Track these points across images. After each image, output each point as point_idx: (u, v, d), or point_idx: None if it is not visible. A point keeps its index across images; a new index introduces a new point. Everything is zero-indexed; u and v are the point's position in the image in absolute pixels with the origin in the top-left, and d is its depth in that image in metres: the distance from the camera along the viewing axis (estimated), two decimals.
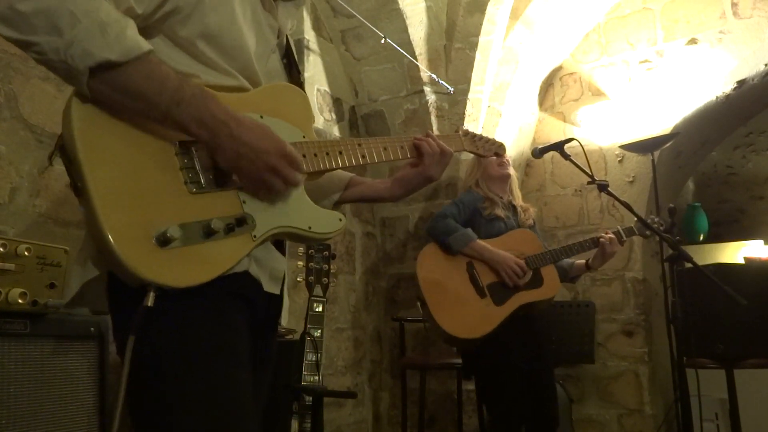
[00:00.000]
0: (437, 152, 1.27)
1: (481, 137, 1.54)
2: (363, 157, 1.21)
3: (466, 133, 1.49)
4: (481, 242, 2.71)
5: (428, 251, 2.75)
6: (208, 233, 0.93)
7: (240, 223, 0.96)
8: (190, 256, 0.91)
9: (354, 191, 1.34)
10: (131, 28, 0.92)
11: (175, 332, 0.93)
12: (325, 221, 1.10)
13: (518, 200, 2.98)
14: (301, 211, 1.07)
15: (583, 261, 2.88)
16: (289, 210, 1.05)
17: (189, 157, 0.96)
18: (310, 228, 1.08)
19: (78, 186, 0.89)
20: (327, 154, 1.14)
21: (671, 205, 2.84)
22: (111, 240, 0.85)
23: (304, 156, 1.10)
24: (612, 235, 2.77)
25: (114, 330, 1.01)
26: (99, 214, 0.86)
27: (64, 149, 0.91)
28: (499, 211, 2.83)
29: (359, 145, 1.21)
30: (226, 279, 0.96)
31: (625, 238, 2.81)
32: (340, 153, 1.17)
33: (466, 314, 2.62)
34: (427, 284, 2.67)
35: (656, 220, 2.78)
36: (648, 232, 2.73)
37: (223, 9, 1.03)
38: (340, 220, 1.13)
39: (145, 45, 0.92)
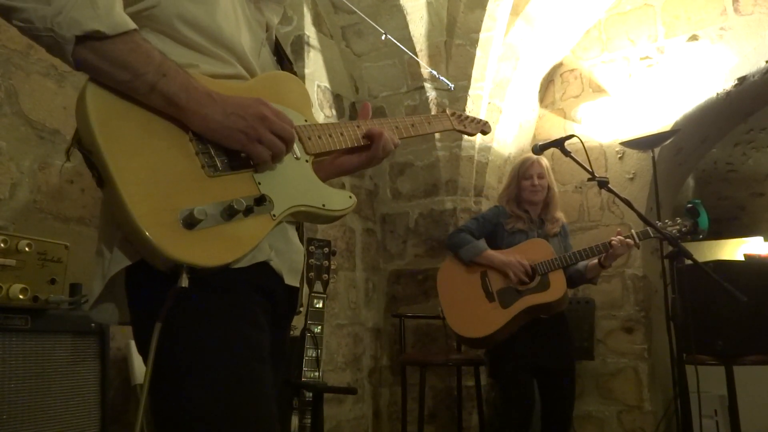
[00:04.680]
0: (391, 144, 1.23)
1: (467, 116, 1.57)
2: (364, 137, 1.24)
3: (453, 113, 1.52)
4: (491, 251, 2.96)
5: (448, 263, 3.09)
6: (231, 214, 0.94)
7: (259, 203, 0.98)
8: (217, 236, 0.93)
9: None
10: (119, 6, 0.93)
11: (200, 327, 0.94)
12: (337, 199, 1.13)
13: (552, 214, 3.10)
14: (313, 190, 1.10)
15: (596, 261, 2.97)
16: (302, 189, 1.08)
17: (202, 142, 0.98)
18: (324, 205, 1.10)
19: (101, 176, 0.89)
20: (330, 135, 1.17)
21: (689, 204, 2.82)
22: (141, 227, 0.87)
23: (309, 138, 1.13)
24: (621, 236, 2.85)
25: (135, 321, 1.00)
26: (127, 203, 0.87)
27: (81, 142, 0.91)
28: (522, 225, 3.05)
29: (358, 126, 1.23)
30: (249, 270, 0.98)
31: (639, 241, 2.87)
32: (342, 134, 1.19)
33: (473, 315, 2.91)
34: (443, 290, 3.05)
35: (678, 221, 2.81)
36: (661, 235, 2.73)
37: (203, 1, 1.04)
38: (351, 197, 1.15)
39: (131, 23, 0.93)
